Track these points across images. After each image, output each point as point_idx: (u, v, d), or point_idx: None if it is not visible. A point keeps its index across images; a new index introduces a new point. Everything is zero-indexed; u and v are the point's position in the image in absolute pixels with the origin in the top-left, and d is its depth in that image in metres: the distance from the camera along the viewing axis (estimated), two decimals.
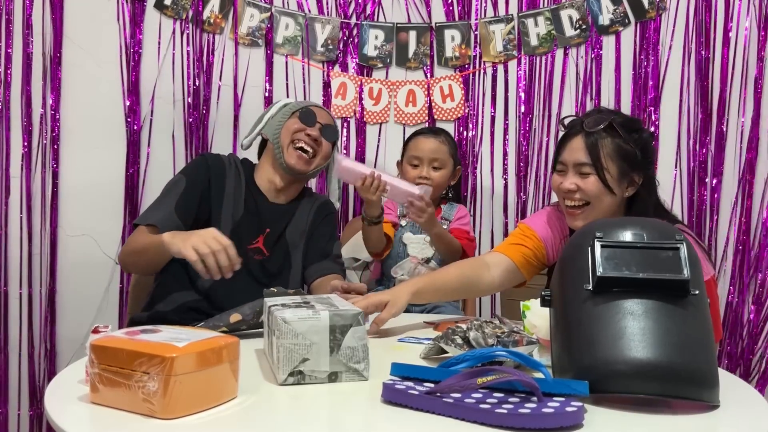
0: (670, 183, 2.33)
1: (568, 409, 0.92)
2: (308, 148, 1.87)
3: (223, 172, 1.88)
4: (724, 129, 2.31)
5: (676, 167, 2.34)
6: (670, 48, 2.32)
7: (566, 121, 1.69)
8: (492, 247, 2.36)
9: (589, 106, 2.35)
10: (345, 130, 2.42)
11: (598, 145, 1.57)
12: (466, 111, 2.40)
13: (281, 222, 1.90)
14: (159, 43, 2.34)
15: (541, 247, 1.72)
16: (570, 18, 2.35)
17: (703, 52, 2.31)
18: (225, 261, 1.47)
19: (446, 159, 2.09)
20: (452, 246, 2.02)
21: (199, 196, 1.82)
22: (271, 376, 1.14)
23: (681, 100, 2.32)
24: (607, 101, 2.35)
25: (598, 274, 1.06)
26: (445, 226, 2.06)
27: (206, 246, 1.46)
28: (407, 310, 2.04)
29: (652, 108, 2.33)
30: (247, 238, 1.84)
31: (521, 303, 1.31)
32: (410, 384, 1.04)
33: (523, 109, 2.38)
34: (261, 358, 1.25)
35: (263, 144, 2.02)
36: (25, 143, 2.31)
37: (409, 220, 2.06)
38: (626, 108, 2.34)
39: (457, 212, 2.14)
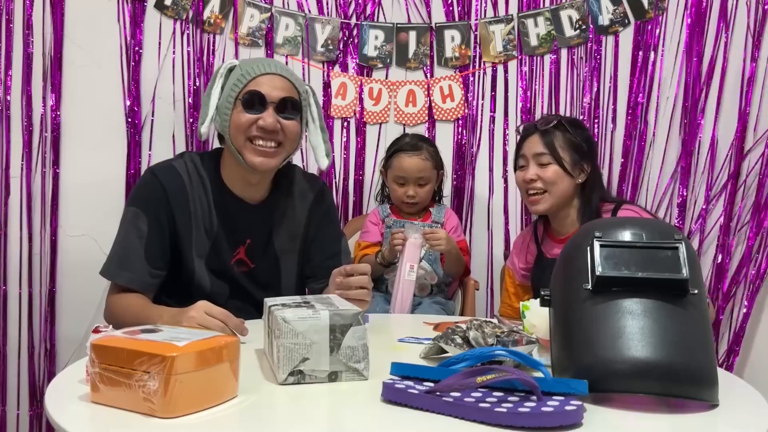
0: (665, 181, 2.35)
1: (568, 408, 0.92)
2: (268, 143, 1.56)
3: (183, 188, 1.60)
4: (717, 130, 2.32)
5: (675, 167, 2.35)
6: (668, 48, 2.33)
7: (521, 128, 1.98)
8: (490, 245, 2.42)
9: (588, 106, 2.35)
10: (345, 130, 2.42)
11: (553, 138, 1.85)
12: (466, 111, 2.40)
13: (264, 229, 1.68)
14: (159, 43, 2.34)
15: (513, 275, 2.01)
16: (570, 18, 2.35)
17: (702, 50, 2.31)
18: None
19: (430, 174, 2.15)
20: (462, 262, 2.12)
21: (168, 231, 1.58)
22: (271, 376, 1.14)
23: (678, 100, 2.32)
24: (605, 101, 2.35)
25: (598, 273, 1.06)
26: (438, 227, 2.13)
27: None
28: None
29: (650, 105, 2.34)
30: (228, 252, 1.64)
31: (521, 303, 1.31)
32: (410, 383, 1.04)
33: (521, 109, 2.38)
34: (261, 358, 1.25)
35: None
36: (25, 143, 2.31)
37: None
38: (624, 108, 2.35)
39: (447, 217, 2.20)
